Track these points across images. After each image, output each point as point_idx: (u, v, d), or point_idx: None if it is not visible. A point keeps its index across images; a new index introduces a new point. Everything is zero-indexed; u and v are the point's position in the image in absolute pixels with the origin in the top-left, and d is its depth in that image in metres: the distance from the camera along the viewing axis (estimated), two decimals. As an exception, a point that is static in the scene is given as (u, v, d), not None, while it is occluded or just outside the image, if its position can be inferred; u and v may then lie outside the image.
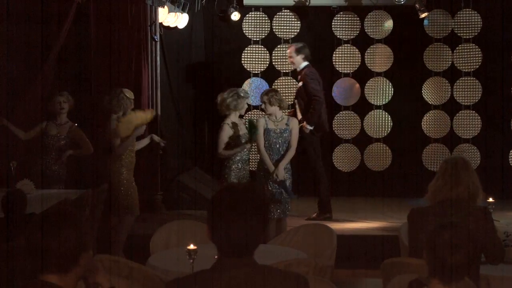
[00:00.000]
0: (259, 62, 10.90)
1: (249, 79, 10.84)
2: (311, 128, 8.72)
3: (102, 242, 7.24)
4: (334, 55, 10.86)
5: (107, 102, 7.63)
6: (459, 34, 10.71)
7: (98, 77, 8.96)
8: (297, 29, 10.89)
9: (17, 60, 8.65)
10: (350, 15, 10.84)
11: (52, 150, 7.93)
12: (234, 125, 7.43)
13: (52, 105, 7.99)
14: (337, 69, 10.87)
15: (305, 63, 8.96)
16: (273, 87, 10.80)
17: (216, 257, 2.76)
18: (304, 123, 8.64)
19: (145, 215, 8.44)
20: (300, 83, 8.93)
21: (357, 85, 10.86)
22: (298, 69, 9.06)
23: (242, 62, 10.82)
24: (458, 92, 10.74)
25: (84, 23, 8.91)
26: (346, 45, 10.88)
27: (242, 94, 7.48)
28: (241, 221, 2.69)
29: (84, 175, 8.34)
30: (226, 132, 7.40)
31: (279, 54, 10.89)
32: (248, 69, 10.83)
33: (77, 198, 6.92)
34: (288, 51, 9.15)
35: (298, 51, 8.96)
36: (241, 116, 7.76)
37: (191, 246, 4.52)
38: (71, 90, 8.33)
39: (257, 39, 10.89)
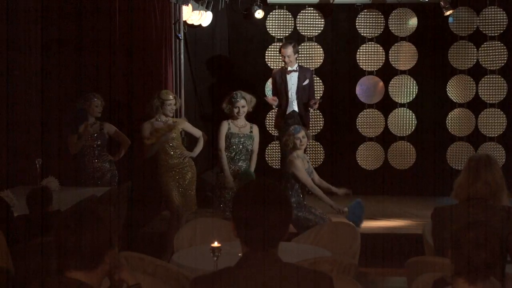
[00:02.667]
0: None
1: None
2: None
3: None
4: (358, 53, 10.83)
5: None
6: (484, 32, 10.63)
7: (123, 76, 8.99)
8: (321, 27, 10.87)
9: (42, 59, 8.70)
10: (374, 13, 10.80)
11: (94, 149, 7.99)
12: (233, 125, 7.59)
13: (88, 106, 8.01)
14: (361, 67, 10.84)
15: (297, 62, 9.29)
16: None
17: (240, 254, 2.77)
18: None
19: (168, 213, 8.48)
20: (307, 81, 9.18)
21: (381, 83, 10.82)
22: (290, 68, 9.14)
23: (266, 60, 10.82)
24: (483, 90, 10.66)
25: (110, 22, 8.94)
26: (370, 43, 10.84)
27: (233, 100, 7.58)
28: (265, 212, 2.70)
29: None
30: (223, 128, 7.58)
31: (303, 52, 10.86)
32: (271, 67, 10.80)
33: (103, 196, 6.96)
34: (288, 51, 9.05)
35: (297, 51, 9.17)
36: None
37: (215, 244, 4.53)
38: (95, 89, 8.38)
39: (281, 37, 10.88)
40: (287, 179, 7.21)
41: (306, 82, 9.18)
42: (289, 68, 9.14)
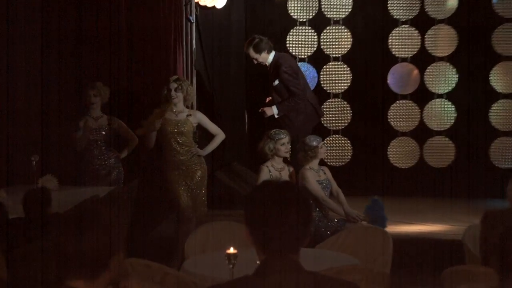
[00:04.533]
0: (306, 46, 10.89)
1: (295, 65, 10.83)
2: (276, 112, 8.48)
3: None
4: (390, 37, 10.80)
5: None
6: (533, 13, 10.58)
7: (131, 63, 9.03)
8: (348, 8, 10.85)
9: (47, 49, 8.77)
10: (408, -8, 10.79)
11: (98, 145, 8.02)
12: (274, 169, 7.48)
13: (84, 98, 8.07)
14: (394, 53, 10.81)
15: (272, 54, 8.63)
16: (321, 73, 10.79)
17: (258, 262, 2.77)
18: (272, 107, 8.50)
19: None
20: (276, 81, 8.53)
21: (416, 71, 10.79)
22: (267, 64, 8.64)
23: (287, 45, 10.82)
24: (532, 79, 10.62)
25: (115, 3, 8.98)
26: (403, 26, 10.81)
27: (276, 137, 7.45)
28: (282, 214, 2.70)
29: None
30: (264, 175, 7.41)
31: (328, 37, 10.86)
32: (294, 53, 10.81)
33: (106, 196, 6.99)
34: (251, 54, 8.58)
35: (258, 50, 8.57)
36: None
37: (231, 250, 4.53)
38: (104, 78, 8.42)
39: (304, 20, 10.88)
40: None
41: (276, 83, 8.56)
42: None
